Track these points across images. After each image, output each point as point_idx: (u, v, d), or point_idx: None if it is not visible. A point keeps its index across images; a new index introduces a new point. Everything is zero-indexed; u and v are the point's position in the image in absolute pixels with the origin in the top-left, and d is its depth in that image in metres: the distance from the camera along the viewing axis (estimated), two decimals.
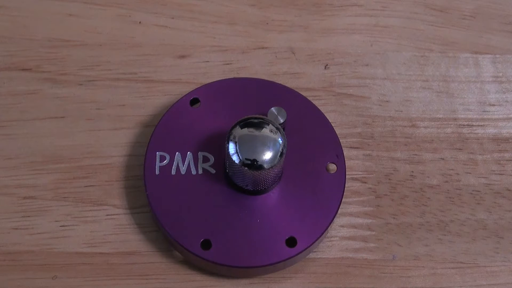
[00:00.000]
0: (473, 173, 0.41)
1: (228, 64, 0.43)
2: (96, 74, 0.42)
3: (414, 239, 0.39)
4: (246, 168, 0.36)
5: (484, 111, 0.42)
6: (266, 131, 0.36)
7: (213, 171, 0.38)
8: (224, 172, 0.38)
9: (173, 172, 0.38)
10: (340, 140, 0.39)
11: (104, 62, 0.42)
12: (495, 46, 0.44)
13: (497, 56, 0.44)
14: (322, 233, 0.37)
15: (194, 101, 0.40)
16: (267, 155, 0.36)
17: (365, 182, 0.40)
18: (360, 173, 0.40)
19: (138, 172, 0.40)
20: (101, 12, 0.44)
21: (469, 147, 0.41)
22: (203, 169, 0.38)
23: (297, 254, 0.37)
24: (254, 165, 0.36)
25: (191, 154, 0.39)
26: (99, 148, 0.40)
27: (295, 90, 0.41)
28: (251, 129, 0.36)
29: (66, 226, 0.39)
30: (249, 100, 0.40)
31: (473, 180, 0.40)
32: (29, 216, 0.39)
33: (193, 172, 0.38)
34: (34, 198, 0.39)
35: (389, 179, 0.40)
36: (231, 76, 0.42)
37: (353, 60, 0.43)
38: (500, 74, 0.43)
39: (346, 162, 0.39)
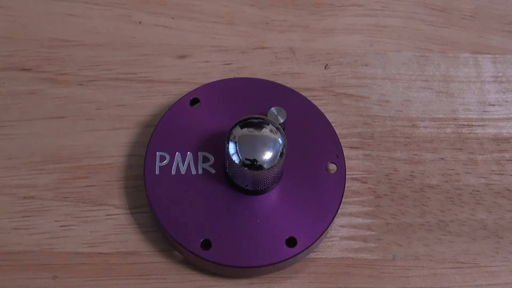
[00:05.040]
0: (473, 173, 0.41)
1: (228, 64, 0.43)
2: (96, 74, 0.42)
3: (414, 239, 0.39)
4: (246, 168, 0.36)
5: (484, 111, 0.42)
6: (266, 131, 0.36)
7: (213, 171, 0.38)
8: (224, 172, 0.38)
9: (173, 172, 0.38)
10: (340, 140, 0.39)
11: (104, 62, 0.42)
12: (495, 46, 0.44)
13: (497, 56, 0.44)
14: (322, 233, 0.37)
15: (194, 101, 0.40)
16: (267, 155, 0.36)
17: (365, 182, 0.40)
18: (360, 173, 0.40)
19: (138, 172, 0.40)
20: (101, 12, 0.44)
21: (469, 147, 0.41)
22: (203, 169, 0.38)
23: (297, 254, 0.37)
24: (254, 165, 0.36)
25: (191, 154, 0.39)
26: (99, 148, 0.40)
27: (295, 90, 0.41)
28: (251, 129, 0.36)
29: (66, 226, 0.39)
30: (249, 100, 0.40)
31: (473, 180, 0.40)
32: (29, 216, 0.39)
33: (193, 172, 0.38)
34: (34, 198, 0.39)
35: (389, 179, 0.40)
36: (231, 76, 0.42)
37: (353, 60, 0.43)
38: (500, 74, 0.43)
39: (346, 162, 0.39)
